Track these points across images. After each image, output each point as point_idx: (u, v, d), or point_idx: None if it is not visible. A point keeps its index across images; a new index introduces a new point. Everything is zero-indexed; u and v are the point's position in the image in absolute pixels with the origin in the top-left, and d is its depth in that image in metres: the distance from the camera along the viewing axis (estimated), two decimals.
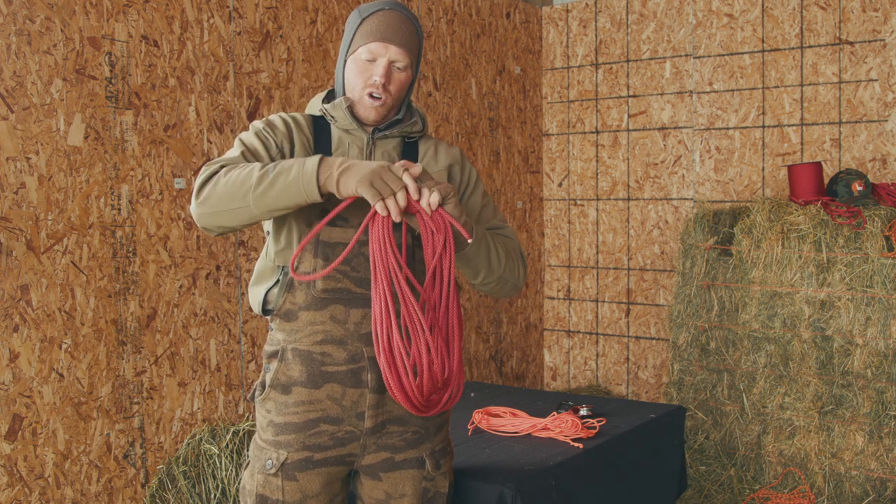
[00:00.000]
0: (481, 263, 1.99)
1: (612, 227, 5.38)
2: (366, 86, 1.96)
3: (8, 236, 2.78)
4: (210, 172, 1.85)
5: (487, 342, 5.08)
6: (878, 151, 4.53)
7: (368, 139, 2.02)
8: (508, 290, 2.09)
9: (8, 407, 2.77)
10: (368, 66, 1.96)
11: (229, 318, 3.50)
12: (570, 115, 5.50)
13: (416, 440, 2.05)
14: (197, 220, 1.87)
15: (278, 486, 1.98)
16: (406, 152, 2.07)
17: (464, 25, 4.85)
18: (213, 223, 1.87)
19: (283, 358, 1.99)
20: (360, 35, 1.97)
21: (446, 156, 2.11)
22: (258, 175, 1.79)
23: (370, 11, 1.98)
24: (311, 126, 2.04)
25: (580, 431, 2.83)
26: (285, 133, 1.99)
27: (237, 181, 1.80)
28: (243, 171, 1.81)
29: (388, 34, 1.95)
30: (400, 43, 1.96)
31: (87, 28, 2.99)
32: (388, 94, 1.98)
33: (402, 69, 1.98)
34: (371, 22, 1.97)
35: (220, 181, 1.82)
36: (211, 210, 1.84)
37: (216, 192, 1.82)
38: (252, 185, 1.79)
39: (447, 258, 1.82)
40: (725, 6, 4.92)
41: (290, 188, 1.78)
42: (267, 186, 1.78)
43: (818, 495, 3.88)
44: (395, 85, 1.99)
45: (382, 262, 1.78)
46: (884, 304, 3.81)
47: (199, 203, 1.84)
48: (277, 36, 3.69)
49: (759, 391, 4.09)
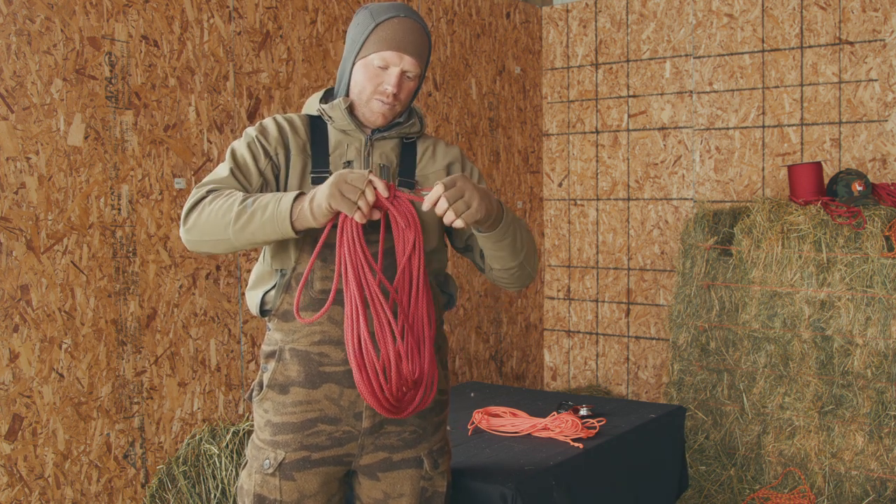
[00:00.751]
0: (507, 248, 1.98)
1: (612, 227, 5.38)
2: (376, 92, 1.96)
3: (8, 236, 2.78)
4: (197, 198, 1.87)
5: (487, 342, 5.08)
6: (878, 151, 4.53)
7: (366, 140, 2.02)
8: (525, 279, 2.08)
9: (8, 407, 2.77)
10: (380, 73, 1.95)
11: (229, 318, 3.50)
12: (570, 115, 5.50)
13: (414, 440, 2.05)
14: (185, 244, 1.92)
15: (276, 486, 1.98)
16: (404, 153, 2.06)
17: (464, 25, 4.85)
18: (199, 249, 1.91)
19: (281, 358, 1.99)
20: (373, 40, 1.94)
21: (445, 155, 2.10)
22: (237, 210, 1.81)
23: (385, 17, 1.95)
24: (307, 127, 2.03)
25: (580, 431, 2.83)
26: (279, 139, 1.98)
27: (219, 213, 1.83)
28: (225, 203, 1.83)
29: (404, 44, 1.93)
30: (414, 53, 1.95)
31: (87, 28, 3.00)
32: (397, 102, 1.97)
33: (412, 78, 1.98)
34: (386, 29, 1.94)
35: (205, 210, 1.85)
36: (197, 238, 1.88)
37: (200, 221, 1.85)
38: (231, 219, 1.81)
39: (417, 257, 1.82)
40: (725, 6, 4.92)
41: (266, 226, 1.81)
42: (245, 222, 1.81)
43: (818, 495, 3.88)
44: (405, 93, 1.98)
45: (352, 262, 1.78)
46: (884, 304, 3.81)
47: (187, 230, 1.88)
48: (277, 36, 3.70)
49: (759, 391, 4.09)
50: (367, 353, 1.79)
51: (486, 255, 2.02)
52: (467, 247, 2.13)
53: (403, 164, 2.05)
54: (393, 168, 2.03)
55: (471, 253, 2.13)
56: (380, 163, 2.02)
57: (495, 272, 2.06)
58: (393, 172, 2.03)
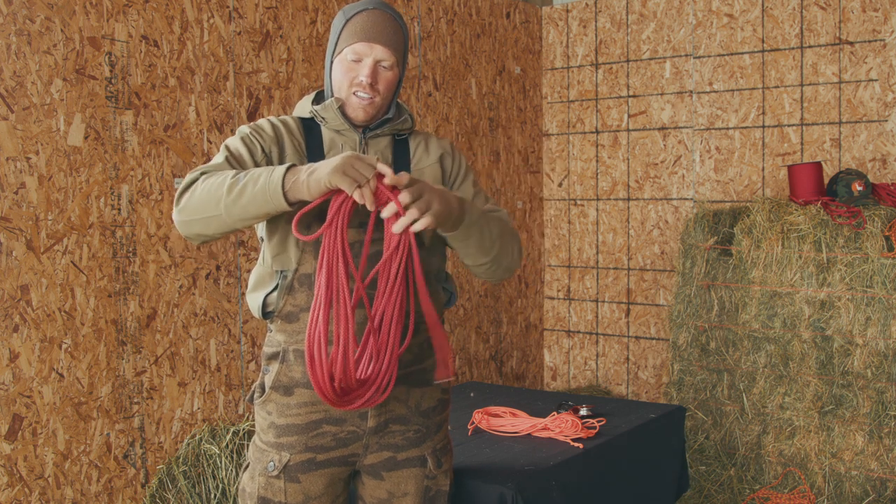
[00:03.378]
0: (474, 245, 1.96)
1: (612, 227, 5.38)
2: (352, 85, 1.97)
3: (8, 236, 2.78)
4: (190, 180, 1.86)
5: (487, 342, 5.08)
6: (878, 151, 4.53)
7: (361, 139, 2.03)
8: (503, 273, 2.06)
9: (8, 407, 2.77)
10: (354, 67, 1.97)
11: (229, 318, 3.50)
12: (570, 115, 5.50)
13: (418, 439, 2.05)
14: (177, 227, 1.89)
15: (280, 488, 1.98)
16: (398, 149, 2.08)
17: (464, 25, 4.85)
18: (190, 231, 1.87)
19: (285, 359, 1.99)
20: (344, 36, 1.98)
21: (437, 148, 2.12)
22: (229, 183, 1.79)
23: (354, 12, 1.99)
24: (300, 128, 2.04)
25: (580, 431, 2.83)
26: (273, 137, 1.99)
27: (211, 188, 1.80)
28: (218, 179, 1.81)
29: (373, 34, 1.96)
30: (384, 42, 1.96)
31: (87, 28, 2.99)
32: (376, 93, 1.98)
33: (388, 68, 1.99)
34: (355, 22, 1.97)
35: (198, 189, 1.82)
36: (188, 218, 1.84)
37: (193, 199, 1.82)
38: (223, 193, 1.78)
39: (398, 258, 1.78)
40: (725, 6, 4.92)
41: (258, 196, 1.77)
42: (237, 195, 1.78)
43: (818, 495, 3.88)
44: (383, 84, 1.99)
45: (331, 249, 1.75)
46: (884, 304, 3.81)
47: (179, 210, 1.85)
48: (277, 36, 3.69)
49: (759, 391, 4.09)
50: (316, 340, 1.75)
51: (456, 251, 2.01)
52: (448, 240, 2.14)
53: (398, 161, 2.06)
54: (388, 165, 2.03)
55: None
56: None
57: (469, 267, 2.05)
58: None
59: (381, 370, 1.82)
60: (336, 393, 1.79)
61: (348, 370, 1.77)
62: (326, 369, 1.76)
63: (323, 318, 1.75)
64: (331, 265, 1.75)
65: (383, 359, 1.82)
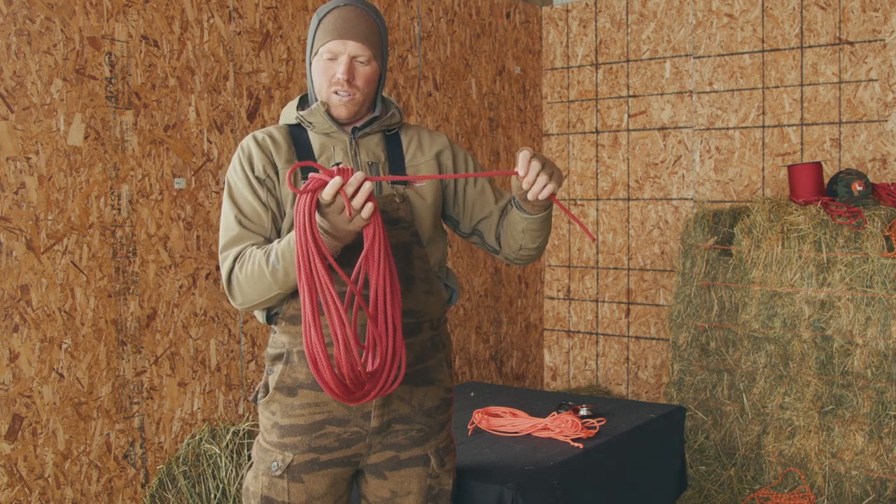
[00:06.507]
0: (547, 228, 2.05)
1: (613, 227, 5.38)
2: (331, 84, 1.97)
3: (8, 236, 2.78)
4: (227, 270, 1.92)
5: (487, 342, 5.08)
6: (878, 151, 4.53)
7: (351, 140, 2.02)
8: (536, 258, 2.14)
9: (8, 407, 2.77)
10: (331, 65, 1.97)
11: (229, 318, 3.50)
12: (570, 115, 5.50)
13: (421, 438, 2.05)
14: (242, 311, 1.98)
15: (284, 488, 1.98)
16: (390, 146, 2.06)
17: (464, 25, 4.85)
18: (259, 310, 2.00)
19: (289, 360, 1.99)
20: (319, 35, 1.98)
21: (433, 144, 2.11)
22: (269, 272, 1.85)
23: (326, 10, 1.99)
24: (288, 137, 2.02)
25: (580, 431, 2.83)
26: (265, 160, 1.97)
27: (256, 278, 1.87)
28: (254, 267, 1.87)
29: (345, 30, 1.95)
30: (357, 37, 1.96)
31: (87, 28, 2.99)
32: (355, 89, 1.97)
33: (364, 63, 1.98)
34: (328, 21, 1.97)
35: (242, 281, 1.90)
36: (251, 305, 1.94)
37: (244, 291, 1.91)
38: (270, 281, 1.86)
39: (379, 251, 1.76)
40: (725, 6, 4.92)
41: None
42: (283, 277, 1.84)
43: (818, 495, 3.88)
44: (362, 79, 1.98)
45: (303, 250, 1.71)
46: (884, 304, 3.81)
47: (238, 304, 1.95)
48: (277, 36, 3.69)
49: (759, 391, 4.09)
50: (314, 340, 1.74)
51: (527, 234, 2.03)
52: (475, 231, 2.14)
53: (392, 158, 2.05)
54: (382, 163, 2.03)
55: (479, 236, 2.14)
56: (368, 160, 2.02)
57: (524, 251, 2.08)
58: (382, 167, 2.03)
59: (386, 362, 1.81)
60: (349, 390, 1.79)
61: (355, 367, 1.77)
62: (332, 375, 1.76)
63: (314, 325, 1.72)
64: (308, 267, 1.71)
65: (387, 343, 1.80)
